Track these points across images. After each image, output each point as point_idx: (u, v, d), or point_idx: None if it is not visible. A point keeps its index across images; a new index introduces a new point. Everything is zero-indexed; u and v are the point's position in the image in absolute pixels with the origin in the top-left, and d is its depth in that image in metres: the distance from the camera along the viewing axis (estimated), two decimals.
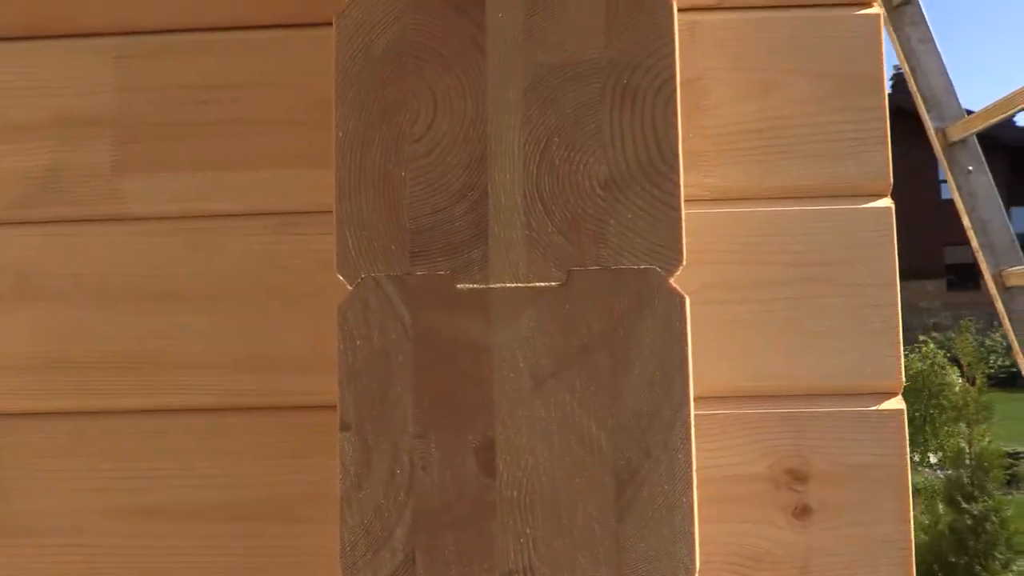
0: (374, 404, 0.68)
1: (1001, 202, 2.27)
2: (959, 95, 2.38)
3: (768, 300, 0.99)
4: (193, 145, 1.06)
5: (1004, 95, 2.14)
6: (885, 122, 1.01)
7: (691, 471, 0.67)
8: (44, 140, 1.07)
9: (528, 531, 0.66)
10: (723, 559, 0.94)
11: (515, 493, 0.67)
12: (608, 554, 0.66)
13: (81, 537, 1.02)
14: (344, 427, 0.69)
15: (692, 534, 0.66)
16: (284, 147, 1.05)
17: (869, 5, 1.01)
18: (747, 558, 0.95)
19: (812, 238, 1.00)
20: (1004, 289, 2.21)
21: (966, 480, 5.62)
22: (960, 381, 7.48)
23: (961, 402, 6.29)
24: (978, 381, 6.52)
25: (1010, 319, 2.22)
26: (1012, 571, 5.65)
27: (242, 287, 1.04)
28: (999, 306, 2.23)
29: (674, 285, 0.69)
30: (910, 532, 0.97)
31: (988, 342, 16.76)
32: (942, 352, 10.51)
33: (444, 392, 0.68)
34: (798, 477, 0.97)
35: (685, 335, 0.69)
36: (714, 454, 0.96)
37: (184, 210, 1.06)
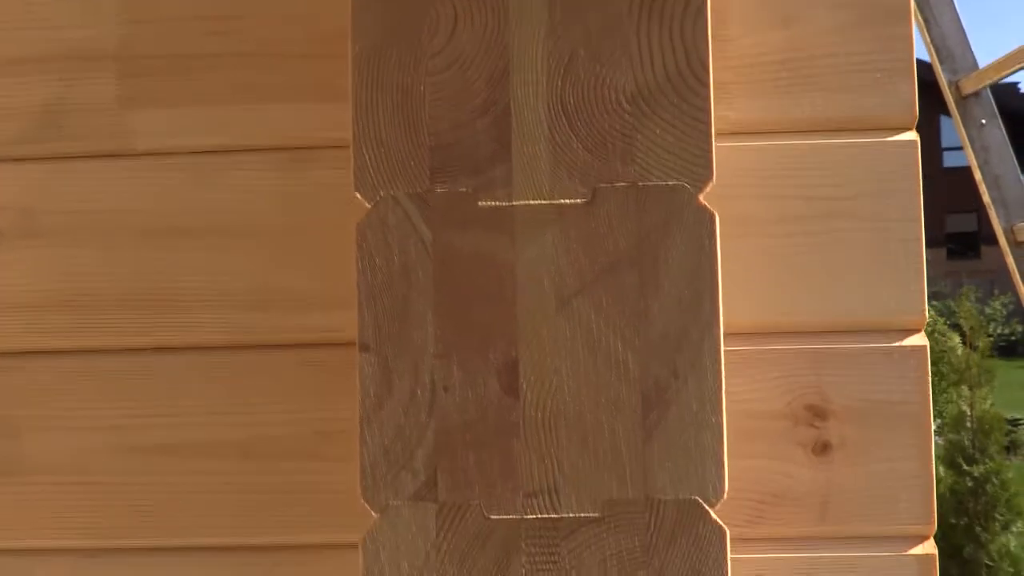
0: (394, 324, 0.67)
1: (1014, 156, 2.24)
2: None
3: (791, 235, 0.97)
4: (201, 78, 1.04)
5: (1018, 46, 2.11)
6: (911, 52, 0.98)
7: (720, 392, 0.66)
8: (41, 75, 1.05)
9: (552, 452, 0.65)
10: (743, 494, 0.92)
11: (539, 414, 0.65)
12: (635, 475, 0.64)
13: (89, 475, 1.01)
14: (363, 348, 0.67)
15: (721, 455, 0.65)
16: (295, 81, 1.03)
17: None
18: (767, 494, 0.94)
19: (836, 172, 0.97)
20: (1015, 244, 2.19)
21: (967, 443, 5.65)
22: (962, 346, 7.48)
23: (963, 366, 6.29)
24: (981, 345, 6.52)
25: (1021, 274, 2.20)
26: (1012, 532, 5.70)
27: (251, 223, 1.02)
28: (1009, 260, 2.21)
29: (704, 202, 0.67)
30: (932, 469, 0.95)
31: (988, 310, 16.77)
32: (942, 320, 10.50)
33: (466, 311, 0.66)
34: (818, 414, 0.95)
35: (715, 253, 0.67)
36: (732, 390, 0.94)
37: (192, 145, 1.04)
